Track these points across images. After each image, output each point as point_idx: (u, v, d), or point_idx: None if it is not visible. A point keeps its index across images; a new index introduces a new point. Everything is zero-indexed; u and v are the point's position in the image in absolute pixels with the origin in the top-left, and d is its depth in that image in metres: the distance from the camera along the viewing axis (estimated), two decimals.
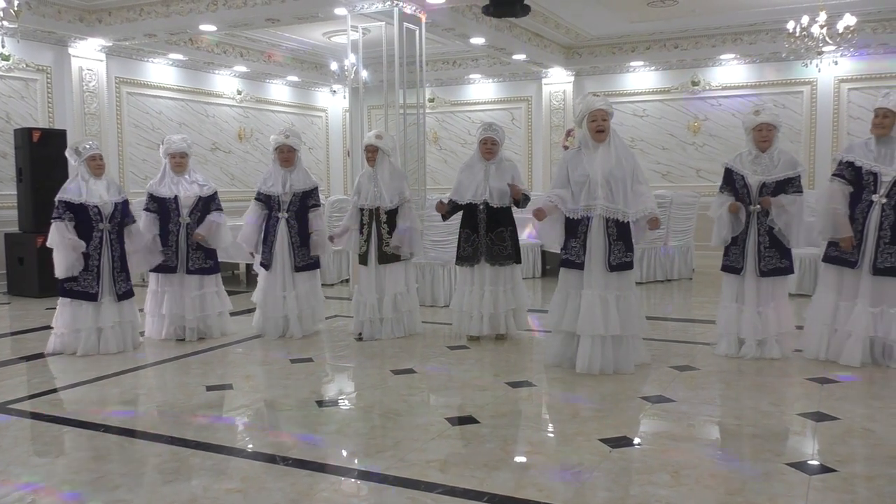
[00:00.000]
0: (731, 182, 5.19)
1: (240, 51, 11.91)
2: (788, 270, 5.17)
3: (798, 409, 4.13)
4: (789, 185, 5.04)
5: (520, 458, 3.50)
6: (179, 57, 11.16)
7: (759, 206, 5.08)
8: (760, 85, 11.75)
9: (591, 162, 4.80)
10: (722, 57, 11.73)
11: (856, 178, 4.94)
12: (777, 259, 5.09)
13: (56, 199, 5.56)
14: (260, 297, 6.19)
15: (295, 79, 13.36)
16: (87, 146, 5.69)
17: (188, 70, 11.72)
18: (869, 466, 3.33)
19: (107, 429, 3.91)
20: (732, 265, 5.21)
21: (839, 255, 4.99)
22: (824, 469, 3.22)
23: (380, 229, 5.94)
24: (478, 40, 10.11)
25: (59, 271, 5.50)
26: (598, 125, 4.79)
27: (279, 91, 13.54)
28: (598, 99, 4.86)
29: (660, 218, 4.91)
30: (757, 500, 2.93)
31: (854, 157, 4.95)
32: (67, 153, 5.77)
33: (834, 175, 5.05)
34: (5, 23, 6.98)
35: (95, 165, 5.63)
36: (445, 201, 5.86)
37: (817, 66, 10.19)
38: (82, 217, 5.52)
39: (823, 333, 5.07)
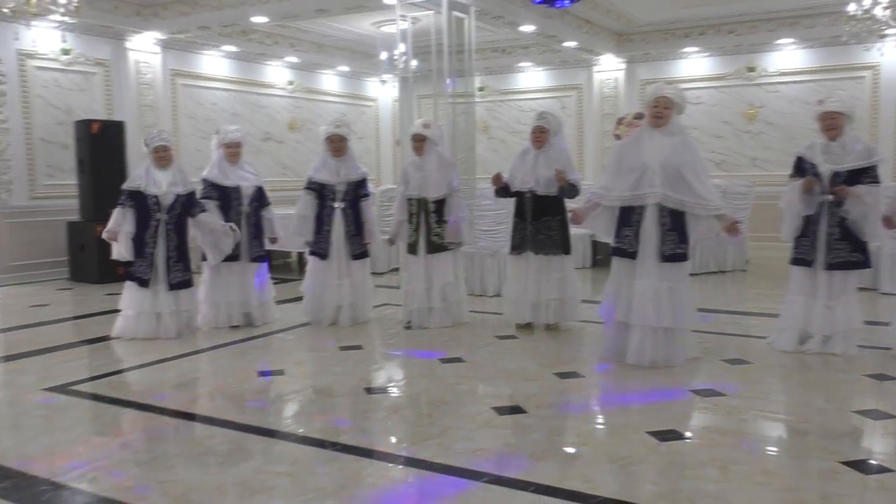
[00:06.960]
0: (802, 171, 5.04)
1: (291, 42, 12.03)
2: (862, 265, 4.96)
3: (855, 407, 4.01)
4: (865, 174, 4.85)
5: (567, 449, 3.50)
6: (232, 48, 11.34)
7: (831, 196, 4.90)
8: (819, 70, 11.36)
9: (646, 149, 4.73)
10: (779, 42, 11.38)
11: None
12: (847, 252, 4.89)
13: (123, 186, 5.87)
14: (310, 285, 6.28)
15: (345, 69, 13.46)
16: (153, 137, 5.85)
17: (241, 61, 11.91)
18: None
19: (163, 411, 4.04)
20: (803, 257, 5.03)
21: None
22: (881, 469, 3.13)
23: (428, 219, 5.96)
24: (527, 28, 10.02)
25: (113, 253, 5.80)
26: (658, 111, 4.75)
27: (330, 81, 13.67)
28: (668, 87, 4.84)
29: (735, 220, 4.78)
30: (809, 498, 2.87)
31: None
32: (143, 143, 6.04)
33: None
34: (66, 18, 7.18)
35: (158, 157, 5.75)
36: (505, 177, 5.85)
37: (879, 50, 9.83)
38: (141, 205, 5.69)
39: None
